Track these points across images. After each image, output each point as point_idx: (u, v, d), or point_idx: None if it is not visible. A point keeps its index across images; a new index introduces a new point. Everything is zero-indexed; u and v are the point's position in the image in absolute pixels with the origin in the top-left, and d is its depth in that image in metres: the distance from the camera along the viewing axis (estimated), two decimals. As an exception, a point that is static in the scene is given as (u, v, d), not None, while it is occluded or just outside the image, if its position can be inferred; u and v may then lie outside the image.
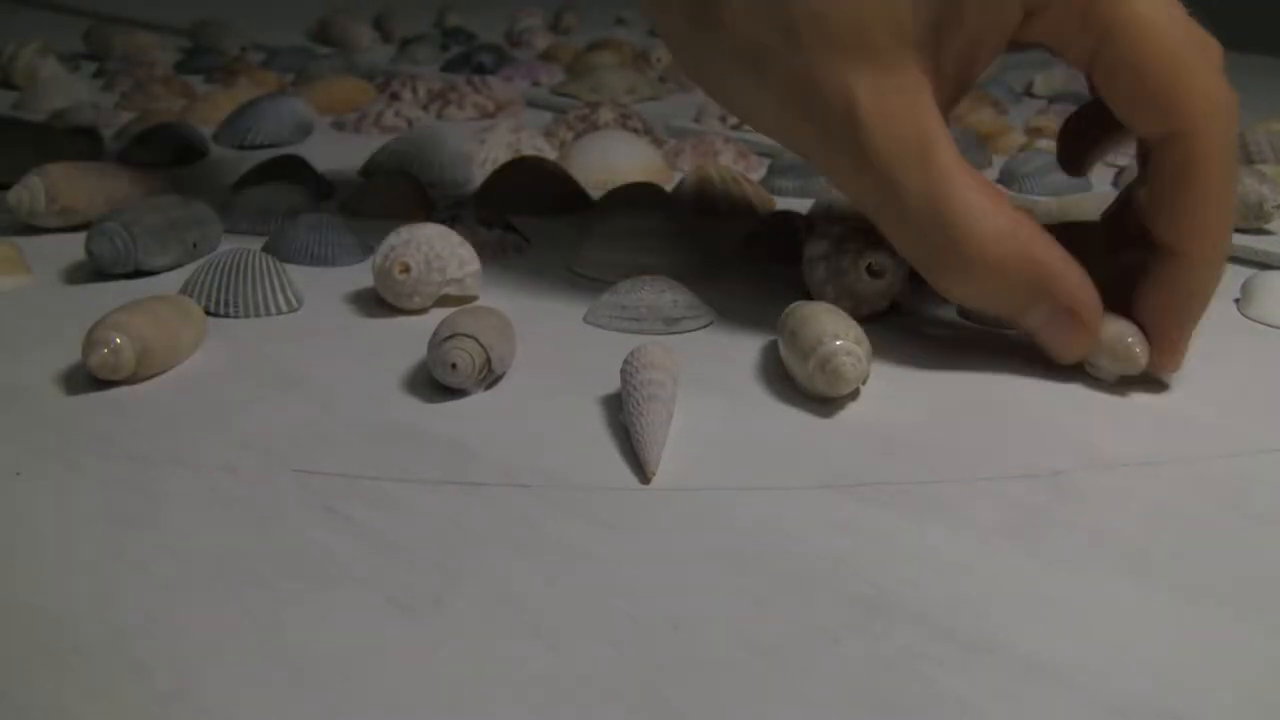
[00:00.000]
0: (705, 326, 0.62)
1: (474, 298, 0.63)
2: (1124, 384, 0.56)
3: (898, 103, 0.53)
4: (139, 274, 0.65)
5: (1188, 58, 0.52)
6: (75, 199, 0.71)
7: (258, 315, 0.61)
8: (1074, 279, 0.54)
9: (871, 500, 0.46)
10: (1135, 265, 0.56)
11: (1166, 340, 0.55)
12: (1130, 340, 0.55)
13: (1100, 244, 0.61)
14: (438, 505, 0.44)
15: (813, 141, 0.56)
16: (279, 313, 0.62)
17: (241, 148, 0.95)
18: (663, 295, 0.62)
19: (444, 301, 0.63)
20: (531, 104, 1.18)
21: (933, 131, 0.53)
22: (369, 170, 0.89)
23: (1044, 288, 0.53)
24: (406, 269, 0.60)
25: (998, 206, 0.53)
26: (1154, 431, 0.52)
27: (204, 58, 1.28)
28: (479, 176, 0.89)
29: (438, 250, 0.61)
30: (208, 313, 0.60)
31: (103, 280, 0.65)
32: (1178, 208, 0.52)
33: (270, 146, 0.95)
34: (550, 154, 0.94)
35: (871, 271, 0.61)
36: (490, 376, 0.54)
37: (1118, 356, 0.55)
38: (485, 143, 0.94)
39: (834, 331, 0.52)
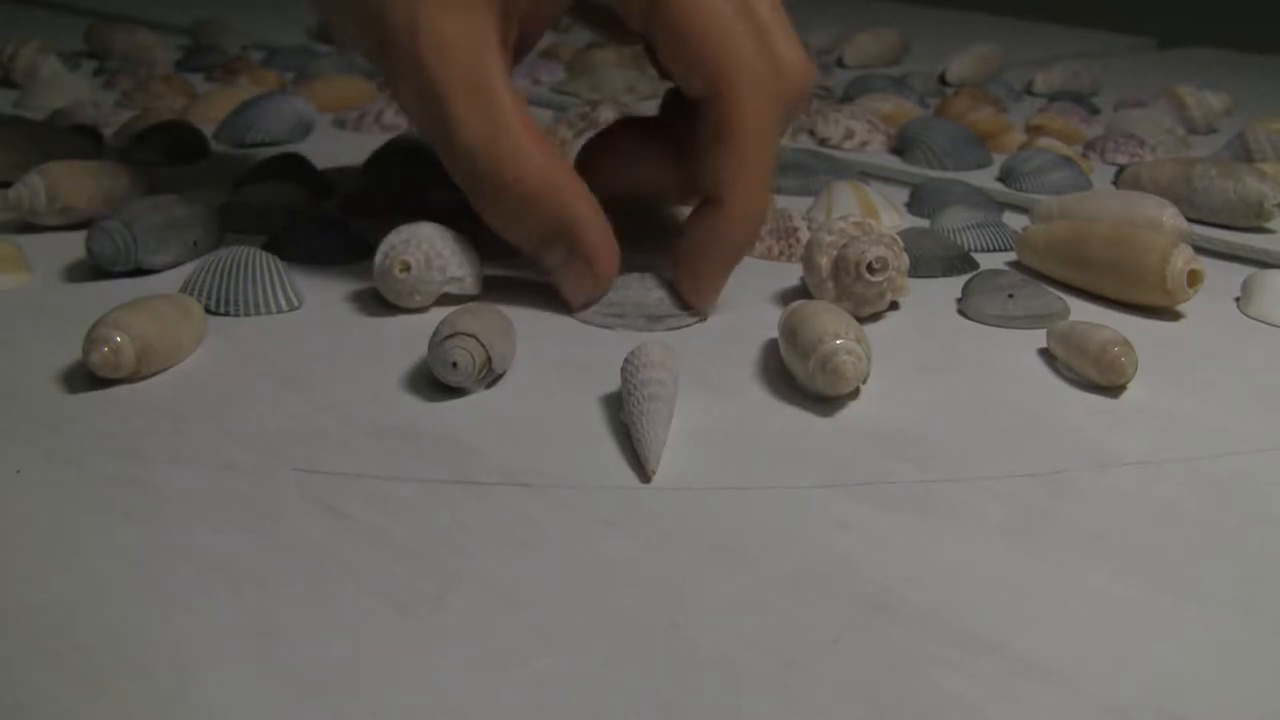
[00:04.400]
0: (690, 325, 0.62)
1: (474, 296, 0.63)
2: (1122, 383, 0.56)
3: (460, 33, 0.56)
4: (139, 272, 0.65)
5: (730, 27, 0.56)
6: (76, 197, 0.71)
7: (258, 314, 0.61)
8: (596, 228, 0.58)
9: (871, 500, 0.46)
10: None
11: (704, 280, 0.61)
12: (1116, 350, 0.55)
13: (669, 148, 0.65)
14: (438, 505, 0.44)
15: (378, 48, 0.58)
16: (279, 312, 0.62)
17: (242, 146, 0.95)
18: (650, 292, 0.62)
19: (444, 300, 0.63)
20: (531, 102, 1.18)
21: (492, 66, 0.56)
22: (369, 169, 0.89)
23: (568, 230, 0.58)
24: (407, 267, 0.60)
25: (541, 148, 0.57)
26: (1154, 431, 0.52)
27: (204, 56, 1.28)
28: (479, 175, 0.88)
29: (438, 249, 0.61)
30: (208, 311, 0.60)
31: (103, 279, 0.65)
32: (717, 163, 0.57)
33: (270, 145, 0.95)
34: (550, 152, 0.94)
35: (872, 270, 0.61)
36: (491, 375, 0.54)
37: (1103, 367, 0.55)
38: (485, 141, 0.94)
39: (834, 330, 0.52)
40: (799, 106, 0.59)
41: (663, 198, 0.72)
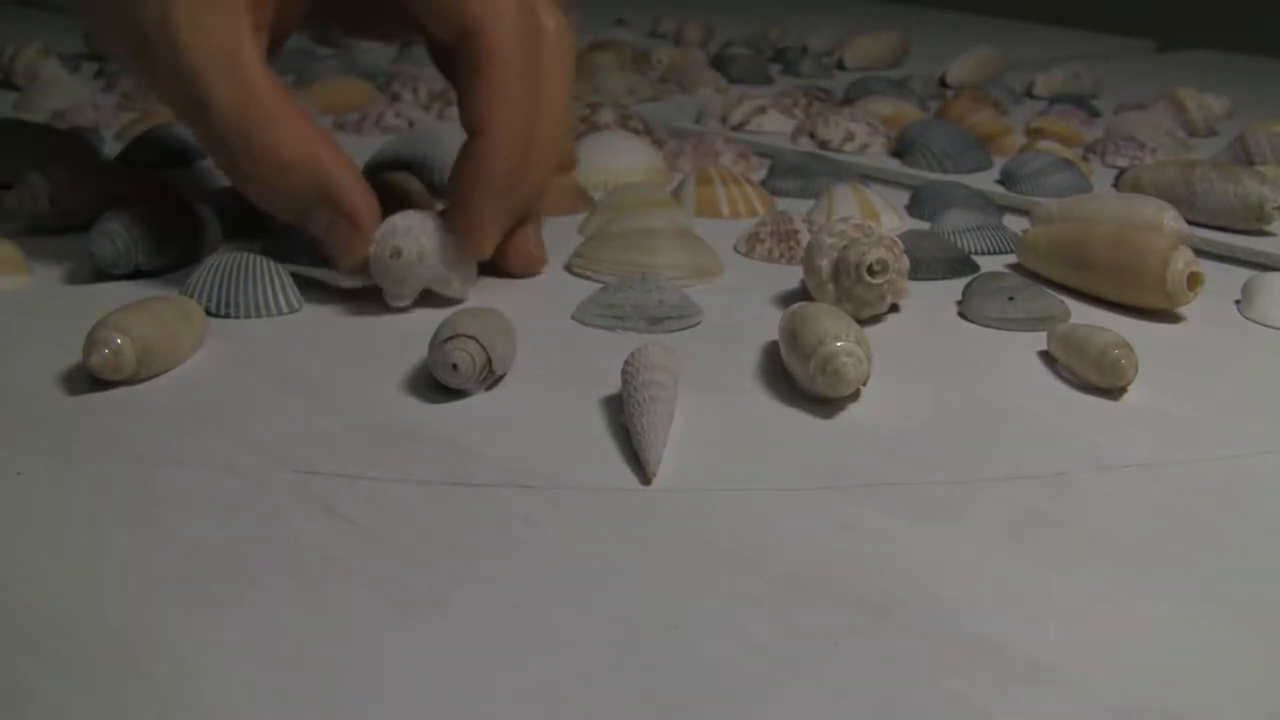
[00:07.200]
0: (691, 327, 0.62)
1: (460, 300, 0.63)
2: (1122, 385, 0.56)
3: (211, 18, 0.57)
4: (139, 274, 0.65)
5: None
6: (76, 199, 0.71)
7: (258, 316, 0.61)
8: (355, 188, 0.60)
9: (871, 500, 0.45)
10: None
11: (475, 220, 0.62)
12: (1117, 353, 0.55)
13: None
14: (438, 505, 0.44)
15: (135, 46, 0.59)
16: (279, 313, 0.62)
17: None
18: (649, 295, 0.62)
19: (432, 300, 0.62)
20: (532, 105, 1.18)
21: (245, 48, 0.58)
22: (370, 171, 0.88)
23: (327, 193, 0.60)
24: (399, 253, 0.60)
25: (295, 118, 0.59)
26: (1154, 433, 0.52)
27: (205, 58, 1.28)
28: (479, 177, 0.88)
29: (438, 243, 0.61)
30: (208, 313, 0.60)
31: (103, 281, 0.65)
32: (474, 97, 0.60)
33: (271, 147, 0.95)
34: (551, 155, 0.94)
35: (872, 272, 0.61)
36: (491, 377, 0.54)
37: (1104, 369, 0.55)
38: (486, 143, 0.94)
39: (835, 333, 0.52)
40: (559, 58, 0.61)
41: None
